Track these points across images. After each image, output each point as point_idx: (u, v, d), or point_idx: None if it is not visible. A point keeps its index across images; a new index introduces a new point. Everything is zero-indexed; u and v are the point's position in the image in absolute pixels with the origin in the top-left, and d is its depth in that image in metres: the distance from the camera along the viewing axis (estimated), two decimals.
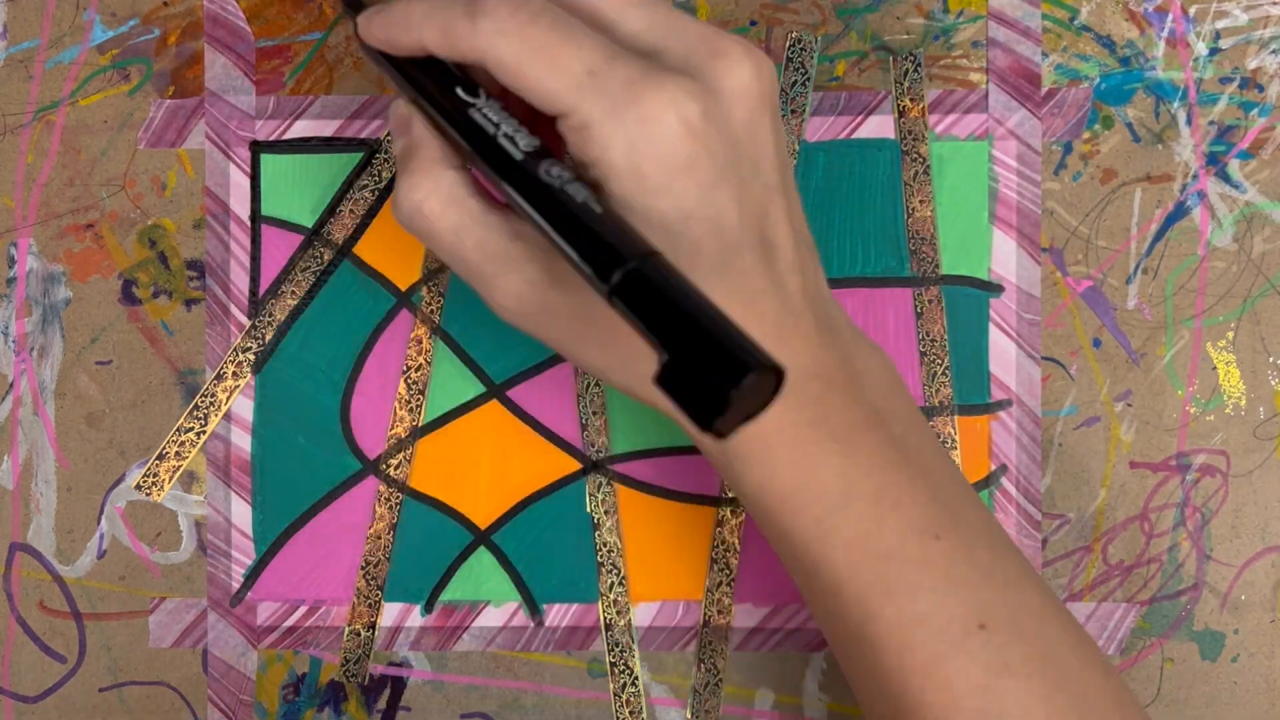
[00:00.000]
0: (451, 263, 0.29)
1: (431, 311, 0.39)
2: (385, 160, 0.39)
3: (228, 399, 0.39)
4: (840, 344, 0.30)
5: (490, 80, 0.28)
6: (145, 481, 0.39)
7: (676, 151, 0.26)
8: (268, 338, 0.39)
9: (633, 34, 0.28)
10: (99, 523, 0.39)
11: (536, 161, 0.27)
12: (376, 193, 0.39)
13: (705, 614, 0.39)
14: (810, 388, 0.28)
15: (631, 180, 0.26)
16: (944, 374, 0.39)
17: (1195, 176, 0.39)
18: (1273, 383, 0.38)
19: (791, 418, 0.28)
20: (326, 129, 0.39)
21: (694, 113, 0.26)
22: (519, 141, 0.27)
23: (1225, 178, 0.39)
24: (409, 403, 0.39)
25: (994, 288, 0.39)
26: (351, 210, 0.39)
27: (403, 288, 0.39)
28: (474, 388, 0.39)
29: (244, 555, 0.39)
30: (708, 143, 0.26)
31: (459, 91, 0.28)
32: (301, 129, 0.39)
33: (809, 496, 0.29)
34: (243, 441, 0.39)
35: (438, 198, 0.28)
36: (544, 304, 0.28)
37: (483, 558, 0.39)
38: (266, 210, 0.39)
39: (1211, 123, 0.39)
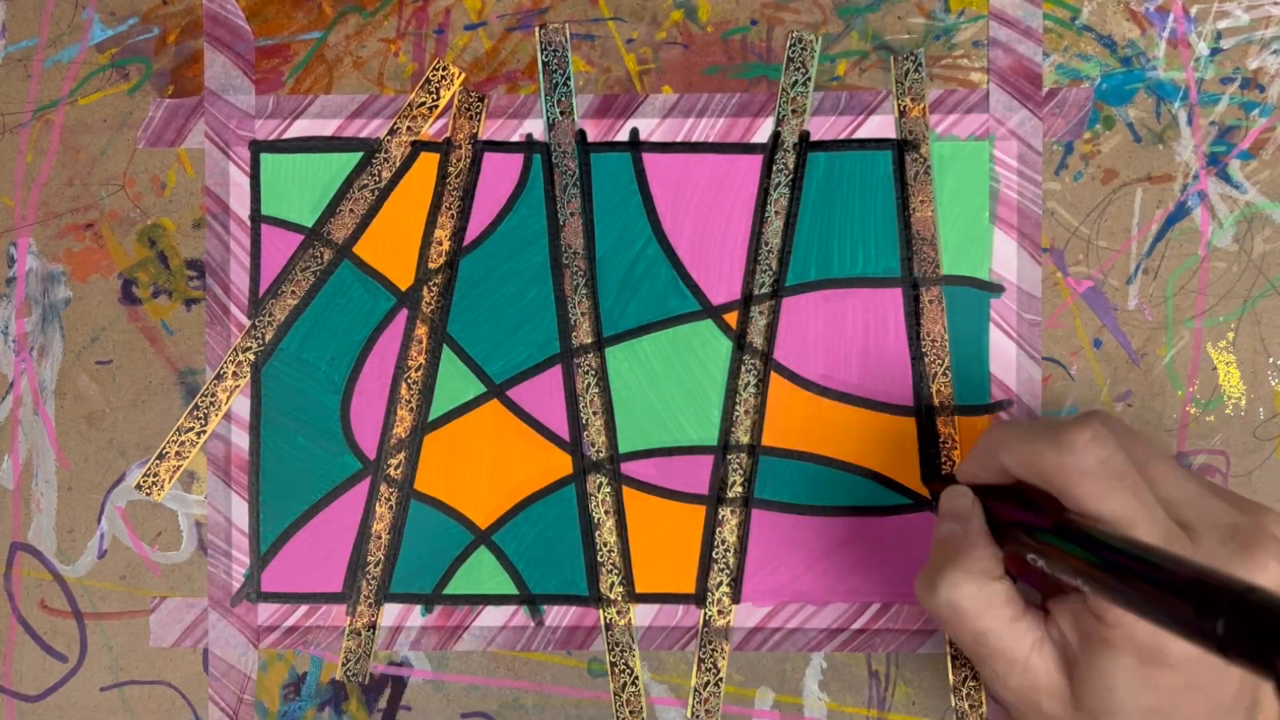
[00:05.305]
0: (965, 645, 0.32)
1: (431, 311, 0.39)
2: (385, 160, 0.39)
3: (228, 399, 0.39)
4: None
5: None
6: (145, 481, 0.39)
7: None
8: (268, 338, 0.39)
9: (1171, 501, 0.31)
10: (99, 522, 0.39)
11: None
12: (376, 192, 0.39)
13: (705, 614, 0.39)
14: None
15: None
16: (944, 374, 0.39)
17: (1196, 177, 0.39)
18: (1273, 383, 0.38)
19: None
20: (326, 128, 0.39)
21: None
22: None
23: (1226, 178, 0.38)
24: (409, 402, 0.39)
25: (994, 288, 0.39)
26: (351, 210, 0.39)
27: (403, 288, 0.39)
28: (474, 388, 0.39)
29: (244, 555, 0.39)
30: None
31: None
32: (301, 128, 0.39)
33: None
34: (242, 441, 0.39)
35: (976, 600, 0.32)
36: (1033, 698, 0.32)
37: (483, 558, 0.39)
38: (266, 210, 0.39)
39: (1212, 123, 0.39)
